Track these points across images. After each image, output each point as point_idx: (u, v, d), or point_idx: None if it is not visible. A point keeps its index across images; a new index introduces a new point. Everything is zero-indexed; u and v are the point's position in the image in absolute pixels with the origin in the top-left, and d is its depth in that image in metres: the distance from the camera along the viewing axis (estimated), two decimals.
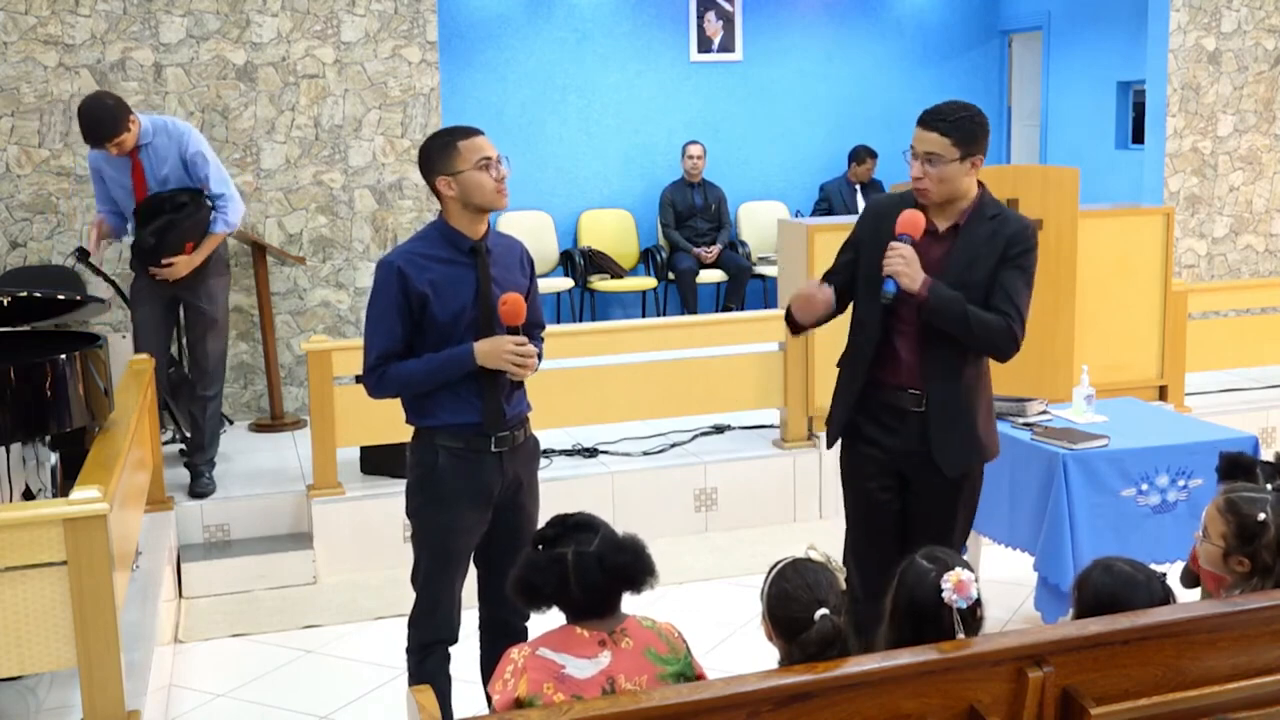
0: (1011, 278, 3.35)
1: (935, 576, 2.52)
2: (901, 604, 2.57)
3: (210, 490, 5.46)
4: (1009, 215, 3.41)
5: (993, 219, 3.37)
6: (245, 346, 6.61)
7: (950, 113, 3.29)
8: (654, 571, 2.61)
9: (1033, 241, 3.39)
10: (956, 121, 3.27)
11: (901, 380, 3.42)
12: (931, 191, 3.32)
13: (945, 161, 3.28)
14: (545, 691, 2.46)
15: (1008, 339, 3.34)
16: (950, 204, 3.37)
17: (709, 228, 9.30)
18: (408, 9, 6.61)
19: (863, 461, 3.52)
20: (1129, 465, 4.28)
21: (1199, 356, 6.71)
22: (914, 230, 3.30)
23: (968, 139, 3.29)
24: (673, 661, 2.58)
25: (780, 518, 5.90)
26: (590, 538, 2.58)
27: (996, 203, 3.44)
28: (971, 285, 3.33)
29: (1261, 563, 2.85)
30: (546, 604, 2.61)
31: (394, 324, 3.27)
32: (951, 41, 10.42)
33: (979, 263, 3.34)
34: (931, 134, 3.28)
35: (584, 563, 2.54)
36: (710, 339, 6.17)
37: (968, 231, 3.37)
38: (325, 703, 4.23)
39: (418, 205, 6.72)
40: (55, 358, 3.70)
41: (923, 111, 3.34)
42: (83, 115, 5.11)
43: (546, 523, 2.67)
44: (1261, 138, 8.32)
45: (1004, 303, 3.33)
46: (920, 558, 2.60)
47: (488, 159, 3.26)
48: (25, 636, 3.15)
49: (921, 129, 3.30)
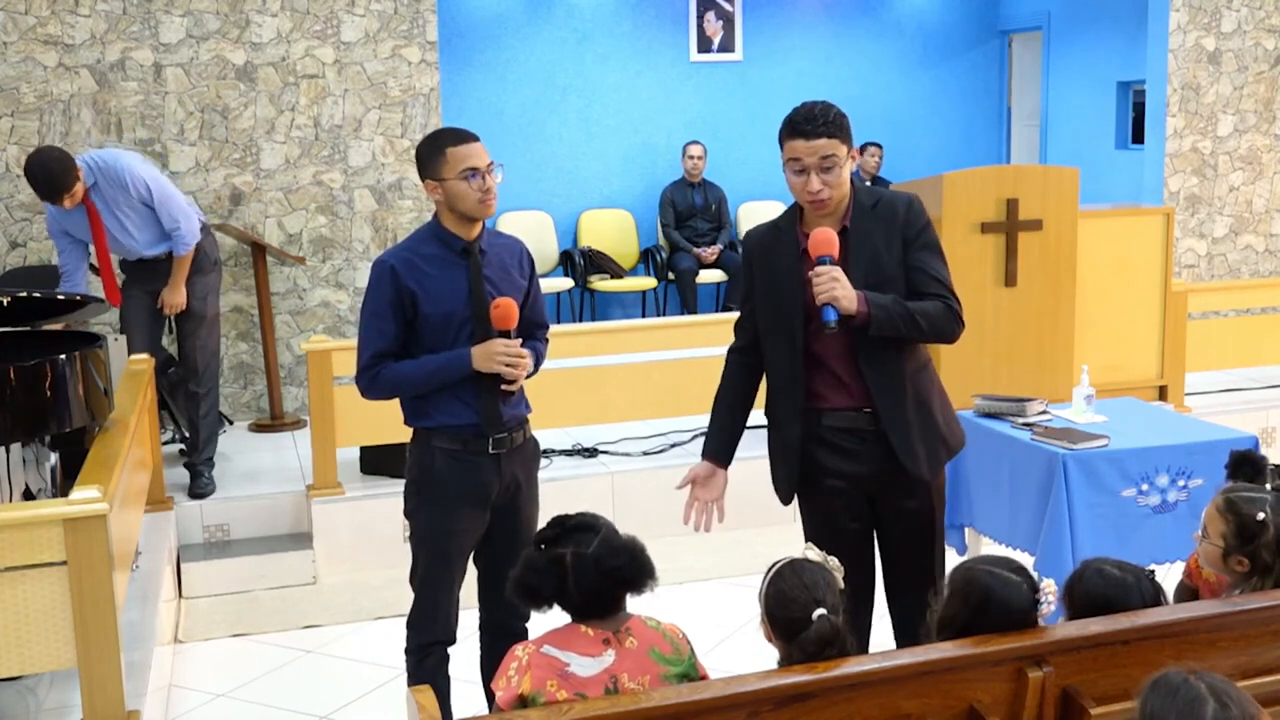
0: (925, 258, 3.17)
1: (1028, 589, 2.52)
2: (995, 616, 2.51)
3: (210, 490, 5.46)
4: (888, 198, 3.22)
5: (874, 208, 3.19)
6: (245, 346, 6.61)
7: (825, 114, 3.09)
8: (653, 574, 2.60)
9: (924, 213, 3.21)
10: (837, 121, 3.09)
11: (848, 402, 3.21)
12: (831, 200, 3.11)
13: (840, 164, 3.09)
14: (549, 689, 2.45)
15: (952, 320, 3.18)
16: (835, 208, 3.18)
17: (709, 228, 9.30)
18: (408, 9, 6.61)
19: (828, 496, 3.29)
20: (1129, 465, 4.28)
21: (1199, 356, 6.71)
22: (831, 248, 3.07)
23: (848, 135, 3.12)
24: (677, 663, 2.58)
25: (780, 518, 5.86)
26: (589, 539, 2.57)
27: (868, 189, 3.25)
28: (885, 282, 3.14)
29: (1261, 562, 2.85)
30: (546, 605, 2.61)
31: (387, 324, 3.27)
32: (951, 41, 10.42)
33: (881, 257, 3.15)
34: (820, 140, 3.06)
35: (581, 565, 2.54)
36: (710, 339, 6.15)
37: (856, 230, 3.17)
38: (325, 703, 4.23)
39: (417, 205, 6.72)
40: (55, 358, 3.71)
41: (795, 124, 3.10)
42: (35, 173, 4.96)
43: (547, 523, 2.67)
44: (1261, 138, 8.32)
45: (930, 284, 3.16)
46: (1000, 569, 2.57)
47: (473, 169, 3.22)
48: (25, 636, 3.14)
49: (806, 140, 3.07)
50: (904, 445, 3.20)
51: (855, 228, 3.17)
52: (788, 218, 3.27)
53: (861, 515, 3.30)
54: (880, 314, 3.08)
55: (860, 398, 3.20)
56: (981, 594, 2.52)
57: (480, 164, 3.24)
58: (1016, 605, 2.51)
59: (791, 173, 3.13)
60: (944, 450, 3.31)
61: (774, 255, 3.24)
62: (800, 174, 3.10)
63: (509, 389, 3.30)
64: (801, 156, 3.09)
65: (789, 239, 3.24)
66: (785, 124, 3.13)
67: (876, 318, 3.08)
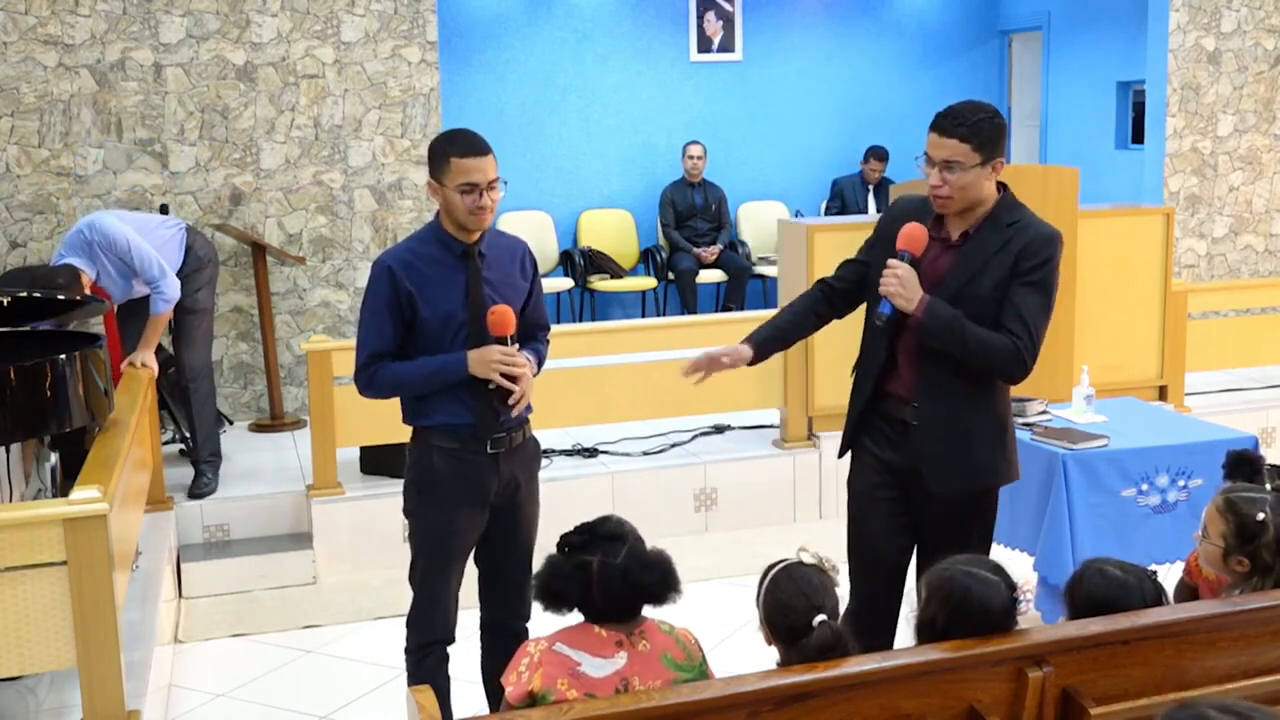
0: (1023, 294, 3.08)
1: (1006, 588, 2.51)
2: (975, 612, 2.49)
3: (210, 490, 5.45)
4: (1027, 223, 3.13)
5: (1009, 226, 3.11)
6: (245, 346, 6.61)
7: (968, 115, 3.04)
8: (679, 588, 2.60)
9: (1050, 252, 3.11)
10: (976, 125, 3.03)
11: (901, 391, 3.22)
12: (952, 200, 3.08)
13: (965, 168, 3.03)
14: (559, 687, 2.45)
15: (1014, 362, 3.09)
16: (970, 211, 3.14)
17: (709, 228, 9.30)
18: (408, 9, 6.61)
19: (865, 470, 3.34)
20: (1129, 465, 4.28)
21: (1199, 356, 6.71)
22: (914, 246, 3.07)
23: (988, 142, 3.05)
24: (688, 669, 2.57)
25: (780, 518, 5.90)
26: (618, 549, 2.57)
27: (1018, 208, 3.17)
28: (976, 299, 3.08)
29: (1261, 562, 2.85)
30: (569, 609, 2.60)
31: (384, 324, 3.27)
32: (951, 41, 10.42)
33: (985, 275, 3.09)
34: (950, 140, 3.03)
35: (609, 574, 2.54)
36: (710, 339, 6.10)
37: (977, 240, 3.13)
38: (325, 703, 4.23)
39: (417, 205, 6.72)
40: (55, 358, 3.70)
41: (936, 115, 3.08)
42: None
43: (574, 528, 2.65)
44: (1261, 138, 8.32)
45: (1013, 322, 3.08)
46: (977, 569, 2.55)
47: (471, 185, 3.20)
48: (25, 636, 3.14)
49: (937, 134, 3.05)
50: (929, 453, 3.20)
51: (976, 239, 3.14)
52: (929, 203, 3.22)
53: (894, 498, 3.31)
54: (932, 324, 3.08)
55: (910, 393, 3.23)
56: (961, 595, 2.50)
57: (481, 180, 3.20)
58: (996, 605, 2.50)
59: (925, 164, 3.13)
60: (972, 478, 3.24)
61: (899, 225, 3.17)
62: (929, 167, 3.10)
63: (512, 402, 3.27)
64: (930, 150, 3.09)
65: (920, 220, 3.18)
66: (935, 116, 3.13)
67: (927, 326, 3.08)
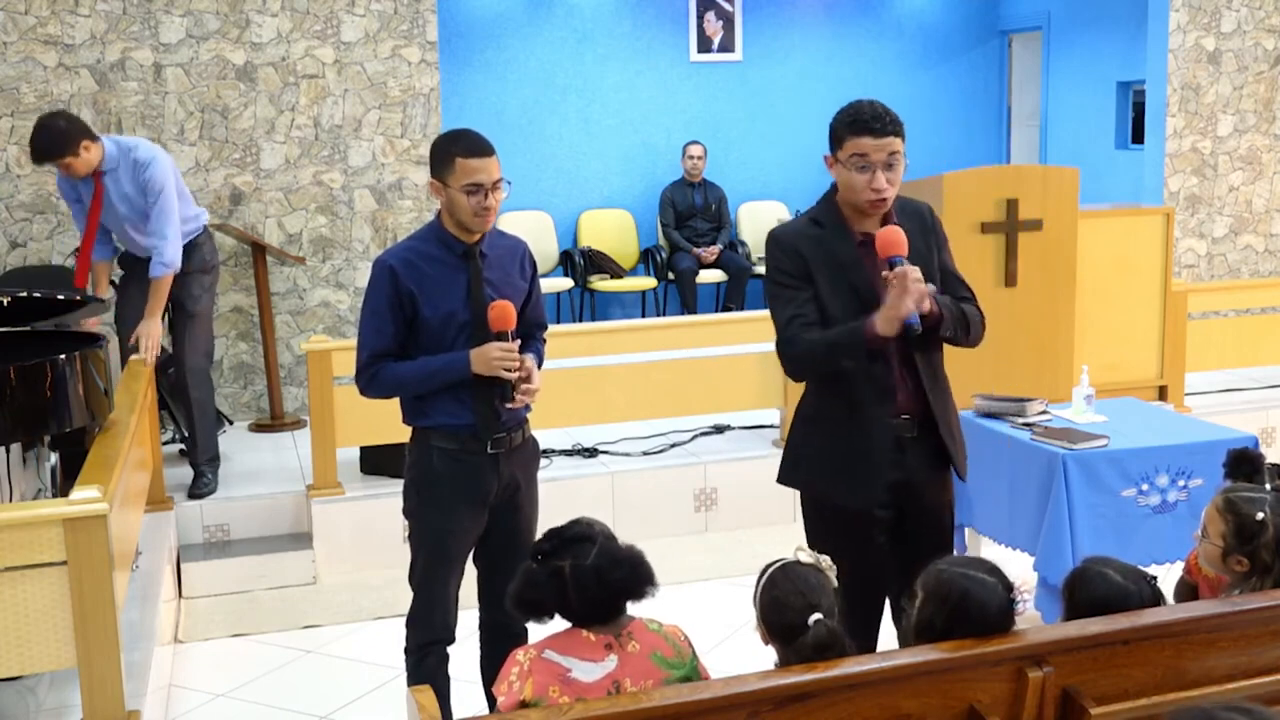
0: (950, 263, 3.21)
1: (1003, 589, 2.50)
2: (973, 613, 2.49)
3: (210, 490, 5.45)
4: (905, 201, 3.19)
5: (904, 211, 3.16)
6: (245, 346, 6.61)
7: (886, 113, 3.05)
8: (653, 581, 2.59)
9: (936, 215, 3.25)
10: (898, 120, 3.06)
11: (898, 409, 3.13)
12: (890, 198, 3.06)
13: (901, 162, 3.05)
14: (551, 694, 2.45)
15: (982, 322, 3.21)
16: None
17: (709, 228, 9.30)
18: (408, 9, 6.61)
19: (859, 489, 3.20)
20: (1129, 465, 4.28)
21: (1199, 356, 6.71)
22: (903, 249, 2.98)
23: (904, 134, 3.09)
24: (679, 666, 2.57)
25: (780, 518, 5.89)
26: (587, 549, 2.55)
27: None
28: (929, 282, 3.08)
29: (1260, 562, 2.85)
30: (548, 616, 2.60)
31: (385, 324, 3.27)
32: (951, 41, 10.42)
33: (919, 258, 3.07)
34: (888, 138, 3.01)
35: (582, 576, 2.52)
36: (710, 339, 6.17)
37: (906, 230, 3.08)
38: (325, 703, 4.23)
39: (417, 205, 6.72)
40: (55, 358, 3.70)
41: (862, 121, 3.03)
42: (35, 131, 4.92)
43: (543, 535, 2.65)
44: (1261, 138, 8.32)
45: (960, 289, 3.19)
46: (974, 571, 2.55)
47: (476, 185, 3.20)
48: (25, 636, 3.14)
49: (875, 137, 3.01)
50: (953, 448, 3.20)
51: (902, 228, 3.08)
52: (826, 214, 3.15)
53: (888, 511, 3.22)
54: (946, 313, 3.06)
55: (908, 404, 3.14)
56: (959, 596, 2.49)
57: (486, 181, 3.21)
58: (994, 606, 2.49)
59: (855, 170, 3.04)
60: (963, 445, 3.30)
61: (830, 250, 3.11)
62: (864, 171, 3.03)
63: (515, 405, 3.28)
64: (869, 153, 3.02)
65: (840, 234, 3.12)
66: (848, 121, 3.06)
67: (943, 313, 3.05)
